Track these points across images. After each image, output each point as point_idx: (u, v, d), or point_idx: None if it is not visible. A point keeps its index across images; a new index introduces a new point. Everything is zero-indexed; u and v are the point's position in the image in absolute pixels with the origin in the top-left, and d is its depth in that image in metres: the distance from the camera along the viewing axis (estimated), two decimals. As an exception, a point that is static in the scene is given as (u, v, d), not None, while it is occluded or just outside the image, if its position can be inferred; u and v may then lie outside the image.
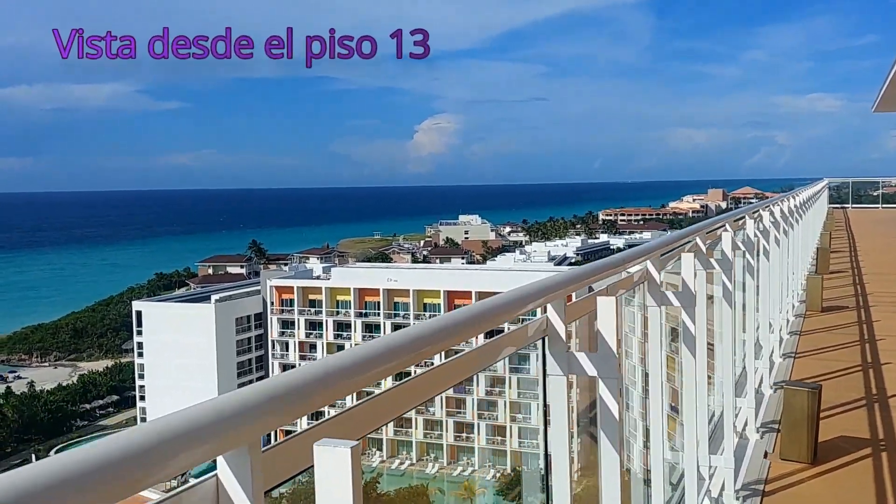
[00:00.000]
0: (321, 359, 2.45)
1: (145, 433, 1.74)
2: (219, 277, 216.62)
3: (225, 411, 1.99)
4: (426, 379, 2.89)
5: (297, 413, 2.30)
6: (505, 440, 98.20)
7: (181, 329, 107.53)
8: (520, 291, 3.57)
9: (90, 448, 1.63)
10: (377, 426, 2.66)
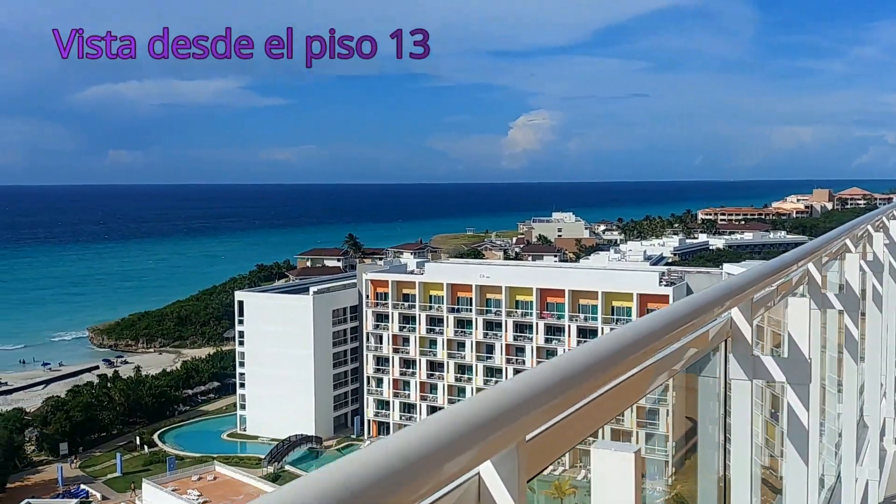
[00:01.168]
0: (582, 346, 2.33)
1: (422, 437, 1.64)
2: (316, 270, 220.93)
3: (500, 406, 1.95)
4: (619, 392, 2.61)
5: (566, 405, 2.26)
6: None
7: (280, 319, 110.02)
8: (706, 295, 3.25)
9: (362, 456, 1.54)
10: (579, 440, 2.41)
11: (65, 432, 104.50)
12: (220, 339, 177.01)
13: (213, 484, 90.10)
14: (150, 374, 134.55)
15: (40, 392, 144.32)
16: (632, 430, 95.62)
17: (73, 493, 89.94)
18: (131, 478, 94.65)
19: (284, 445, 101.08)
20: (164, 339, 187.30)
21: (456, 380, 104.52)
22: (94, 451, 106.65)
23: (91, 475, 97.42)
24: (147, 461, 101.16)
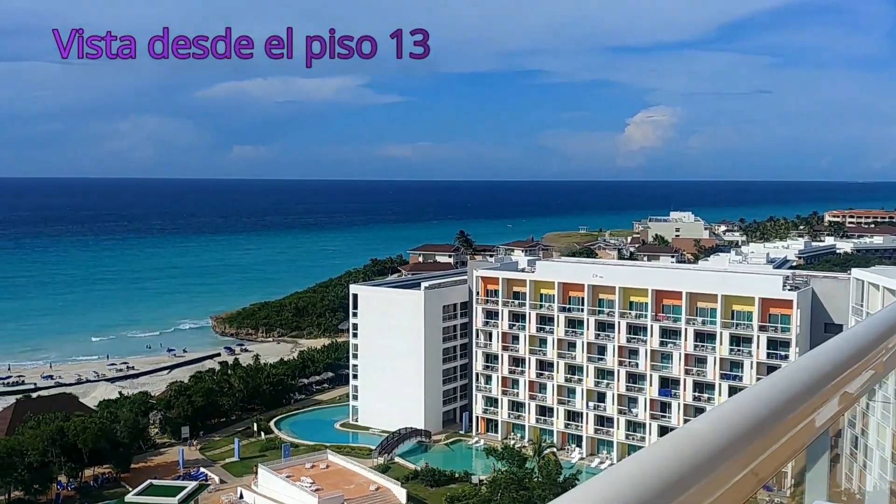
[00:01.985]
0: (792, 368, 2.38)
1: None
2: (428, 266, 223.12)
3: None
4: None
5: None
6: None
7: (392, 313, 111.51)
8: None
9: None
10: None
11: (186, 416, 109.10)
12: (335, 330, 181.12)
13: (325, 472, 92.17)
14: (269, 362, 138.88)
15: (165, 377, 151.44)
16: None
17: (192, 475, 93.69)
18: (248, 462, 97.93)
19: (395, 438, 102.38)
20: (283, 328, 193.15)
21: (566, 380, 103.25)
22: (214, 435, 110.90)
23: (210, 459, 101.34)
24: (263, 447, 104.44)
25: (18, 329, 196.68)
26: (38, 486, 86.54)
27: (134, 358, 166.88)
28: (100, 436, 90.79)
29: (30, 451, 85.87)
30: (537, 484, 75.16)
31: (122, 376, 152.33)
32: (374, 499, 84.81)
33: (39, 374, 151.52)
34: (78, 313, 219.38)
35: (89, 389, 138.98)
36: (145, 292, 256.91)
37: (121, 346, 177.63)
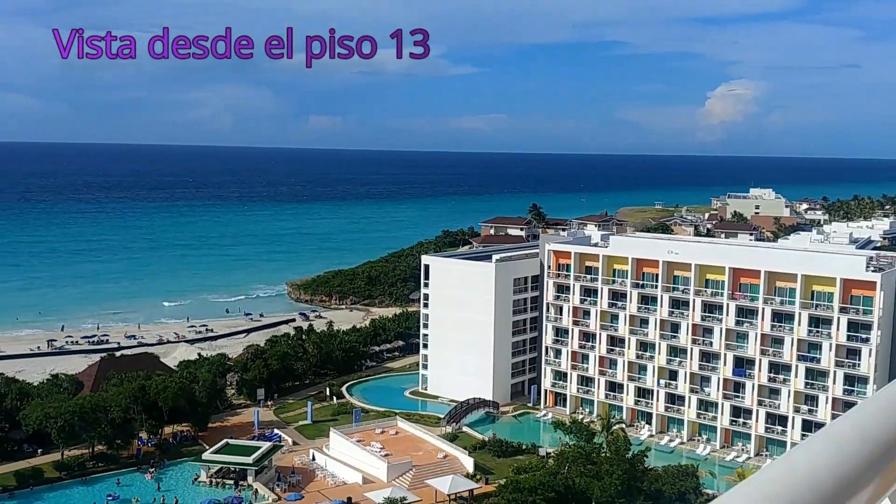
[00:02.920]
0: None
1: None
2: (499, 238, 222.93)
3: None
4: None
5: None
6: (786, 430, 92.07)
7: (463, 284, 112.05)
8: None
9: None
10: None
11: (262, 379, 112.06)
12: (406, 300, 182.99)
13: (394, 438, 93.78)
14: (341, 329, 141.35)
15: (242, 340, 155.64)
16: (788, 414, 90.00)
17: (266, 436, 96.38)
18: (320, 426, 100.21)
19: (463, 408, 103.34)
20: (355, 296, 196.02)
21: (637, 357, 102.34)
22: (288, 398, 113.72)
23: (284, 421, 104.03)
24: (335, 412, 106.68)
25: (101, 290, 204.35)
26: (119, 442, 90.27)
27: (213, 321, 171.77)
28: (179, 395, 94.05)
29: (113, 408, 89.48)
30: (605, 459, 74.98)
31: (201, 338, 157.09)
32: (442, 466, 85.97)
33: (123, 334, 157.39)
34: (159, 276, 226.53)
35: (170, 350, 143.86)
36: (224, 259, 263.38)
37: (200, 309, 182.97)
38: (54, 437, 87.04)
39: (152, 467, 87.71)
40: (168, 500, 79.66)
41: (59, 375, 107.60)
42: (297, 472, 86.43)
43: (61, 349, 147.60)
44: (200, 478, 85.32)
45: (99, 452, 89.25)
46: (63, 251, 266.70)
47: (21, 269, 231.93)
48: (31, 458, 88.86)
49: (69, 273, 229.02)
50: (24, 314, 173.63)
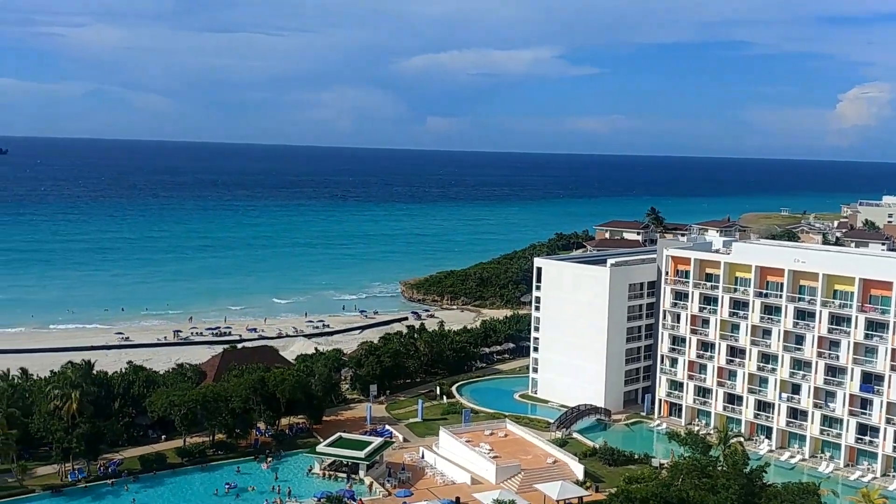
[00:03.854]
0: None
1: None
2: (615, 242, 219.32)
3: None
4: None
5: None
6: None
7: (576, 288, 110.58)
8: None
9: None
10: None
11: (375, 375, 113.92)
12: (517, 302, 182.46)
13: (503, 440, 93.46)
14: (452, 329, 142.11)
15: (356, 336, 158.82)
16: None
17: (378, 431, 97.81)
18: (430, 424, 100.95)
19: (573, 413, 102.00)
20: (467, 297, 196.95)
21: (758, 369, 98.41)
22: (399, 395, 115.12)
23: (395, 417, 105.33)
24: (445, 411, 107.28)
25: (224, 284, 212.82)
26: (239, 431, 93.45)
27: (329, 316, 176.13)
28: (296, 387, 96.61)
29: (233, 398, 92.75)
30: (721, 473, 72.41)
31: (317, 333, 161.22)
32: (551, 471, 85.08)
33: (244, 327, 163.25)
34: (278, 272, 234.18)
35: (288, 343, 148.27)
36: (341, 257, 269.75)
37: (317, 305, 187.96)
38: (177, 425, 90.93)
39: (269, 457, 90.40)
40: (284, 490, 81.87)
41: (183, 365, 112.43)
42: (408, 469, 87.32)
43: (186, 340, 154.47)
44: (314, 469, 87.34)
45: (219, 441, 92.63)
46: (189, 247, 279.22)
47: (149, 263, 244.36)
48: (155, 444, 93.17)
49: (194, 267, 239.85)
50: (152, 305, 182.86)
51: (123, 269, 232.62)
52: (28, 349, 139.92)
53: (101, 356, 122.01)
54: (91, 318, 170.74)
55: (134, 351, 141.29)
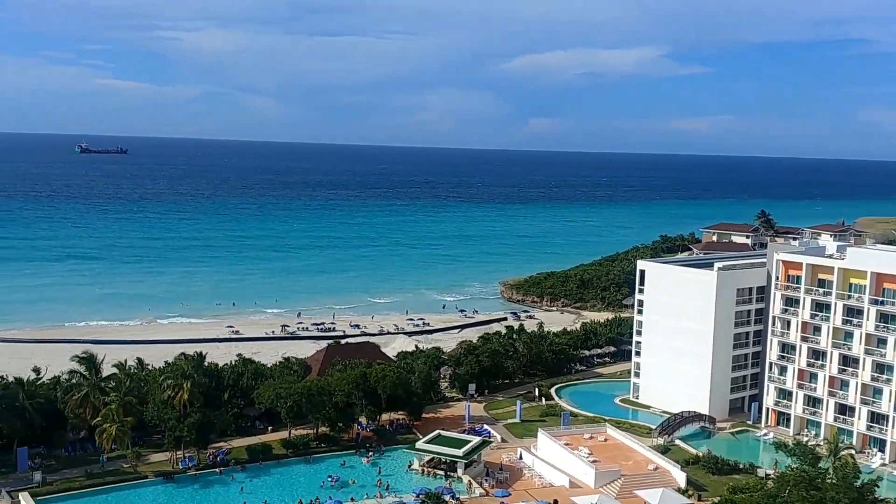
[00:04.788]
0: None
1: None
2: (722, 245, 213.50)
3: None
4: None
5: None
6: None
7: (681, 292, 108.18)
8: None
9: None
10: None
11: (474, 374, 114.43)
12: (619, 305, 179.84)
13: (602, 445, 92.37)
14: (552, 330, 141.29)
15: (455, 335, 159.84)
16: None
17: (477, 430, 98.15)
18: (528, 425, 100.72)
19: (676, 420, 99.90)
20: (567, 299, 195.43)
21: (872, 379, 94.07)
22: (498, 395, 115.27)
23: (493, 417, 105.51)
24: (543, 413, 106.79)
25: (332, 281, 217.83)
26: (341, 425, 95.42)
27: (429, 315, 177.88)
28: (397, 384, 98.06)
29: (337, 392, 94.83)
30: (831, 486, 69.57)
31: (418, 331, 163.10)
32: (652, 478, 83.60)
33: (348, 323, 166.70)
34: (380, 270, 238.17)
35: (389, 340, 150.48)
36: (442, 257, 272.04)
37: (418, 304, 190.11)
38: (283, 416, 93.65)
39: (370, 451, 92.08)
40: (391, 484, 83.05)
41: (290, 358, 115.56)
42: (505, 469, 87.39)
43: (293, 334, 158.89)
44: (413, 465, 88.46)
45: (322, 434, 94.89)
46: (295, 245, 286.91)
47: (258, 260, 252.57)
48: (261, 435, 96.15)
49: (300, 265, 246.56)
50: (262, 300, 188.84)
51: (233, 265, 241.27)
52: (144, 340, 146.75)
53: (212, 348, 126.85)
54: (203, 311, 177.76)
55: (243, 344, 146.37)
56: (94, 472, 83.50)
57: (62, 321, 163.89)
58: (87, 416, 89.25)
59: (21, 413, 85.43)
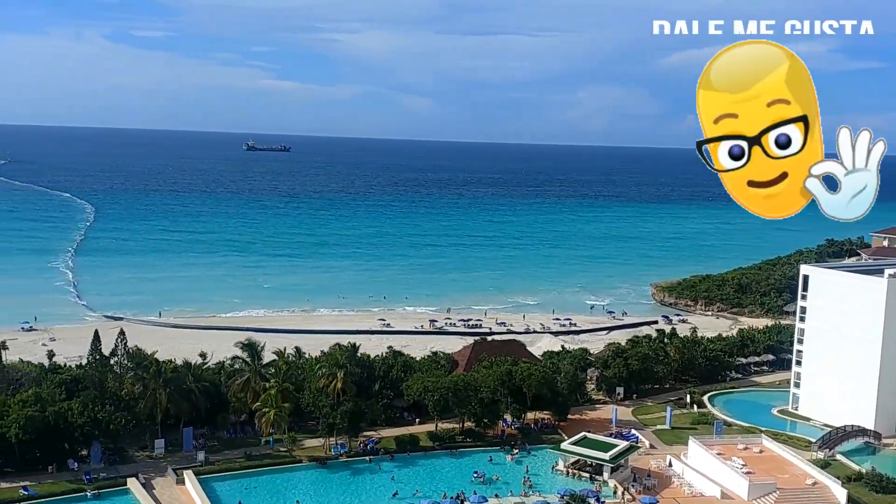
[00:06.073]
0: None
1: None
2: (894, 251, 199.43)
3: None
4: None
5: None
6: None
7: (847, 299, 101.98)
8: None
9: None
10: None
11: (621, 377, 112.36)
12: (779, 311, 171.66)
13: (758, 457, 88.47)
14: (706, 336, 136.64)
15: (603, 337, 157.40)
16: None
17: (624, 435, 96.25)
18: (678, 433, 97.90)
19: (838, 434, 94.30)
20: (723, 303, 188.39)
21: None
22: (646, 400, 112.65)
23: (641, 422, 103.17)
24: (695, 420, 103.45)
25: (480, 279, 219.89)
26: (486, 421, 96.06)
27: (576, 315, 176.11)
28: (542, 383, 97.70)
29: (482, 388, 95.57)
30: None
31: (564, 331, 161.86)
32: (810, 493, 79.37)
33: (494, 321, 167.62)
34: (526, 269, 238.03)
35: (535, 339, 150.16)
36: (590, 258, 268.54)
37: (565, 304, 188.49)
38: (430, 409, 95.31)
39: (515, 449, 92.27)
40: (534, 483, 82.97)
41: (437, 353, 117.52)
42: (653, 476, 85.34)
43: (441, 329, 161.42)
44: (558, 466, 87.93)
45: (467, 429, 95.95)
46: (442, 244, 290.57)
47: (409, 255, 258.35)
48: (409, 426, 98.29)
49: (449, 261, 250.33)
50: (411, 295, 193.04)
51: (383, 260, 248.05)
52: (301, 330, 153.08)
53: (364, 340, 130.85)
54: (357, 304, 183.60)
55: (394, 337, 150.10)
56: (253, 455, 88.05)
57: (226, 310, 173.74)
58: (247, 400, 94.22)
59: (188, 395, 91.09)
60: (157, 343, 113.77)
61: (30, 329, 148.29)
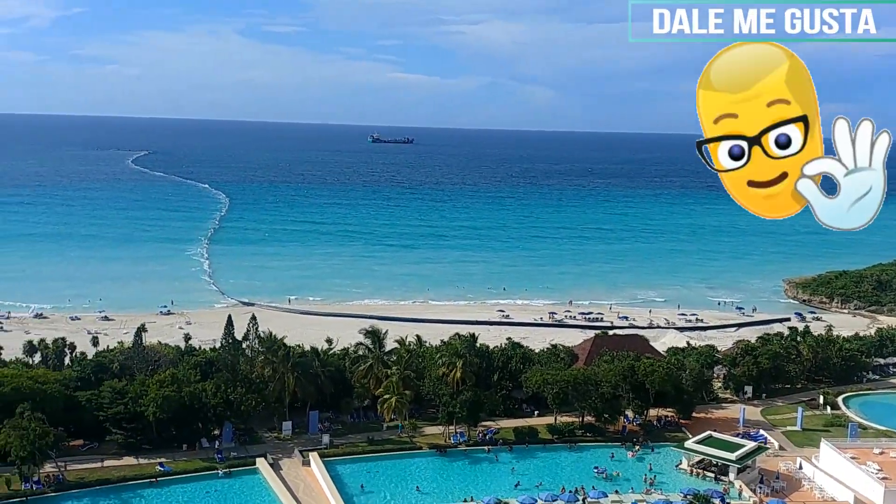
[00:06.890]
0: None
1: None
2: None
3: None
4: None
5: None
6: None
7: None
8: None
9: None
10: None
11: (750, 376, 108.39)
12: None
13: (895, 462, 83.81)
14: (841, 335, 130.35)
15: (731, 334, 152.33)
16: None
17: (751, 435, 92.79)
18: (810, 435, 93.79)
19: None
20: (860, 301, 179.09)
21: None
22: (776, 400, 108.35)
23: (770, 423, 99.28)
24: (828, 422, 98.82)
25: (601, 272, 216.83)
26: (607, 416, 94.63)
27: (703, 311, 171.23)
28: (666, 380, 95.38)
29: (603, 383, 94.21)
30: None
31: (690, 327, 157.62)
32: (956, 506, 74.50)
33: (616, 315, 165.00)
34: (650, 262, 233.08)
35: (659, 335, 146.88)
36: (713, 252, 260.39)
37: (692, 299, 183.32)
38: (549, 402, 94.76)
39: (637, 446, 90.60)
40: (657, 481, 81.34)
41: (557, 346, 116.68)
42: (782, 479, 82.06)
43: (560, 322, 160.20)
44: (682, 465, 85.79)
45: (587, 423, 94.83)
46: (558, 236, 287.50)
47: (524, 248, 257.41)
48: (528, 418, 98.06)
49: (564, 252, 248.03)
50: (531, 287, 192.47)
51: (501, 251, 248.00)
52: (422, 319, 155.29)
53: (483, 330, 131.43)
54: (476, 294, 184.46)
55: (513, 328, 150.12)
56: (375, 439, 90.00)
57: (349, 298, 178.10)
58: (370, 386, 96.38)
59: (314, 379, 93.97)
60: (286, 328, 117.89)
61: (168, 313, 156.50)
